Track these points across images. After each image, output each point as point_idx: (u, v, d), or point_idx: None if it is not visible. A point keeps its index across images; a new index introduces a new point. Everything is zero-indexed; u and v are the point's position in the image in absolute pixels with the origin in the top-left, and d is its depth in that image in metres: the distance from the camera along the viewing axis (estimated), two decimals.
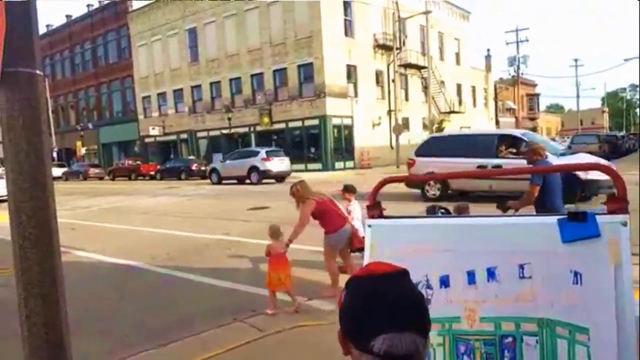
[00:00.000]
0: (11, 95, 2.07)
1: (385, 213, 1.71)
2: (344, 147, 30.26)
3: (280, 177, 23.07)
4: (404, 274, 0.94)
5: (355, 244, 5.44)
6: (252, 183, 22.56)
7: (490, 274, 1.37)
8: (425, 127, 35.13)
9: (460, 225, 1.55)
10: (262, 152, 23.20)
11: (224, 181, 23.88)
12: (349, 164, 29.82)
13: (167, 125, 37.01)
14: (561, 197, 4.86)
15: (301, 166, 29.73)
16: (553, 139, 47.12)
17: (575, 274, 1.27)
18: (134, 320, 5.02)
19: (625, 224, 1.26)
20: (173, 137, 37.43)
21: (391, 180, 1.74)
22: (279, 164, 23.06)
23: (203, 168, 28.39)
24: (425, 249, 1.50)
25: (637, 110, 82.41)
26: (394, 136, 29.76)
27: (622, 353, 1.18)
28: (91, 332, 4.52)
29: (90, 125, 42.42)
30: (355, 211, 6.12)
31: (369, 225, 1.70)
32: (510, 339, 1.32)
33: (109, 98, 42.72)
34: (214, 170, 25.42)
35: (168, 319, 4.90)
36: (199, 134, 35.93)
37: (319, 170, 28.25)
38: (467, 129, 40.69)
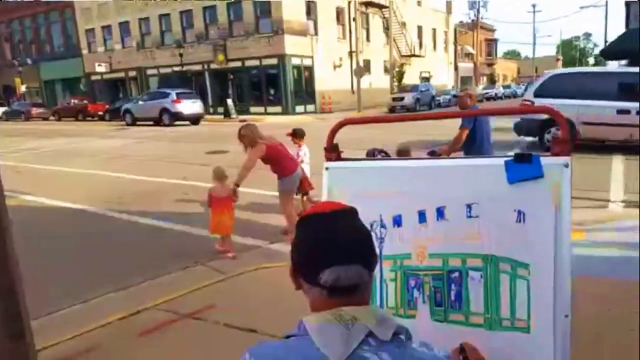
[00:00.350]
0: None
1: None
2: (305, 90, 29.72)
3: (194, 120, 23.79)
4: (351, 211, 0.98)
5: (305, 187, 5.52)
6: (164, 125, 23.17)
7: (440, 213, 1.43)
8: (386, 70, 34.95)
9: (413, 167, 1.58)
10: (173, 93, 23.89)
11: (138, 122, 24.26)
12: (310, 107, 29.45)
13: (114, 61, 34.66)
14: (490, 141, 5.09)
15: (260, 109, 29.12)
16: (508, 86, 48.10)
17: (519, 213, 1.33)
18: (91, 265, 4.96)
19: (567, 166, 1.32)
20: (121, 75, 35.25)
21: (349, 122, 1.73)
22: (191, 106, 23.78)
23: None
24: (380, 190, 1.53)
25: (590, 59, 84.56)
26: (355, 80, 29.45)
27: (557, 287, 1.28)
28: (46, 277, 4.44)
29: (29, 61, 38.89)
30: (306, 156, 6.16)
31: (327, 168, 1.70)
32: (456, 274, 1.40)
33: (48, 30, 39.10)
34: (127, 111, 25.28)
35: (126, 264, 4.87)
36: (149, 72, 33.97)
37: (278, 114, 27.73)
38: (426, 73, 40.92)
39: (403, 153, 4.84)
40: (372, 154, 5.12)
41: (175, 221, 6.18)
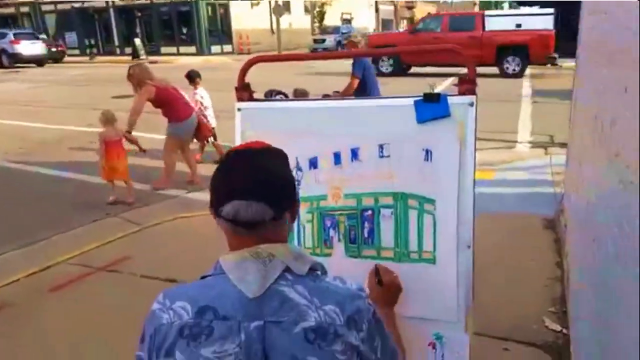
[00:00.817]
0: None
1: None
2: (221, 29, 28.24)
3: (37, 61, 23.25)
4: (270, 151, 0.97)
5: (204, 133, 5.41)
6: (4, 67, 22.51)
7: (354, 154, 1.44)
8: (307, 10, 34.01)
9: (328, 108, 1.57)
10: (10, 34, 23.34)
11: None
12: (227, 48, 28.14)
13: None
14: (378, 87, 5.27)
15: (172, 49, 27.32)
16: None
17: (427, 151, 1.38)
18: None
19: (472, 105, 1.37)
20: (11, 10, 31.47)
21: (260, 59, 1.66)
22: (30, 47, 23.15)
23: (54, 50, 24.92)
24: (295, 132, 1.51)
25: (505, 5, 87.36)
26: (274, 19, 28.41)
27: (460, 220, 1.36)
28: None
29: None
30: (205, 99, 5.92)
31: (239, 109, 1.64)
32: (369, 212, 1.44)
33: None
34: None
35: (33, 217, 4.54)
36: (45, 7, 30.53)
37: (192, 54, 26.24)
38: (348, 15, 40.43)
39: (299, 96, 4.86)
40: (269, 95, 5.33)
41: (83, 172, 5.78)
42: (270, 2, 29.38)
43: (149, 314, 0.92)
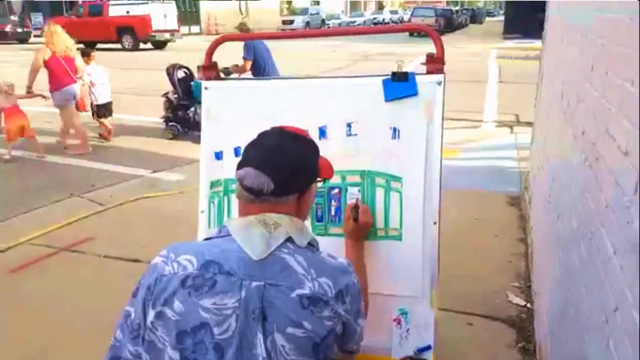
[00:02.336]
0: None
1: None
2: (188, 10, 27.52)
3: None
4: (297, 137, 1.06)
5: (79, 107, 5.71)
6: None
7: (322, 132, 1.44)
8: None
9: (295, 86, 1.56)
10: None
11: None
12: (195, 29, 27.46)
13: None
14: (275, 66, 5.72)
15: None
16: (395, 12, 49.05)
17: (394, 130, 1.39)
18: None
19: (440, 84, 1.38)
20: None
21: (227, 38, 1.62)
22: None
23: (20, 30, 23.55)
24: (262, 110, 1.49)
25: None
26: (243, 1, 27.86)
27: (427, 197, 1.38)
28: None
29: None
30: (99, 76, 6.04)
31: (206, 88, 1.61)
32: (336, 190, 1.44)
33: None
34: None
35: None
36: None
37: None
38: None
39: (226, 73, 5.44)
40: (172, 69, 6.12)
41: (52, 153, 5.61)
42: None
43: (150, 266, 0.97)
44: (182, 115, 6.22)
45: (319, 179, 1.10)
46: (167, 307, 0.90)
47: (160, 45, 19.53)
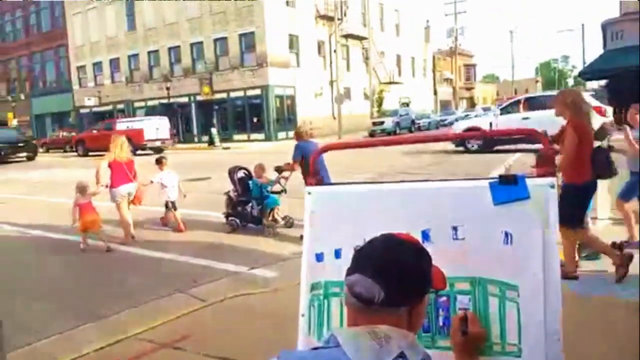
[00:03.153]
0: None
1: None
2: (287, 117, 30.01)
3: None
4: (407, 243, 1.04)
5: (133, 202, 6.81)
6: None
7: (425, 236, 1.40)
8: (366, 97, 35.51)
9: (397, 190, 1.56)
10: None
11: None
12: (292, 134, 29.52)
13: (104, 95, 35.35)
14: (325, 167, 5.61)
15: (244, 136, 29.29)
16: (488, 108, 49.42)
17: (506, 234, 1.32)
18: (72, 293, 4.81)
19: (553, 187, 1.32)
20: (109, 108, 35.65)
21: (329, 147, 1.72)
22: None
23: None
24: (362, 214, 1.50)
25: (570, 80, 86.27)
26: (336, 106, 29.87)
27: (548, 308, 1.25)
28: (26, 304, 4.28)
29: (22, 96, 40.34)
30: (166, 179, 7.23)
31: (309, 193, 1.68)
32: (444, 298, 1.36)
33: (42, 68, 40.79)
34: None
35: (106, 292, 4.74)
36: (137, 104, 34.44)
37: (261, 140, 27.92)
38: (406, 99, 41.67)
39: (258, 170, 6.84)
40: (233, 171, 6.93)
41: (153, 248, 6.10)
42: (332, 92, 31.15)
43: None
44: (241, 210, 6.85)
45: (431, 289, 1.04)
46: None
47: (158, 150, 22.61)
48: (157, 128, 24.31)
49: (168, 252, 5.98)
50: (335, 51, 31.49)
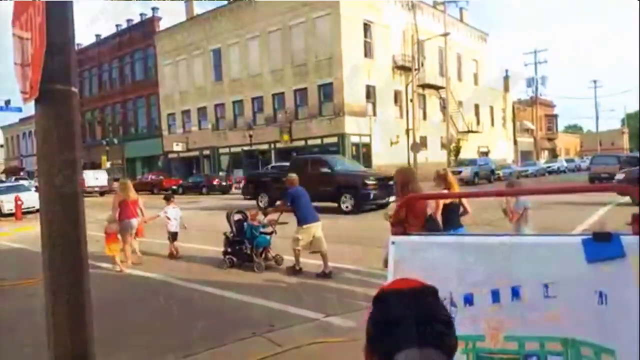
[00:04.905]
0: (47, 110, 2.16)
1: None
2: (363, 165, 30.30)
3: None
4: (430, 291, 0.96)
5: (137, 234, 8.53)
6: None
7: (515, 293, 1.37)
8: (443, 146, 35.03)
9: (484, 243, 1.55)
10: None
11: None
12: None
13: (191, 141, 37.96)
14: (311, 206, 7.29)
15: None
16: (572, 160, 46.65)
17: (600, 294, 1.26)
18: (155, 333, 5.06)
19: None
20: (196, 153, 38.31)
21: (415, 197, 1.76)
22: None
23: (224, 183, 29.70)
24: (448, 266, 1.51)
25: None
26: (411, 154, 29.74)
27: None
28: (114, 345, 4.56)
29: (115, 141, 44.28)
30: (171, 213, 8.80)
31: (393, 242, 1.71)
32: (534, 359, 1.31)
33: (135, 114, 44.59)
34: None
35: (188, 333, 4.93)
36: (221, 150, 36.78)
37: None
38: (485, 148, 40.52)
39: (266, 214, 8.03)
40: (230, 214, 7.88)
41: (236, 290, 6.30)
42: (408, 141, 31.12)
43: None
44: (238, 249, 7.67)
45: None
46: None
47: (102, 194, 30.08)
48: (96, 178, 32.27)
49: (249, 294, 6.14)
50: (411, 100, 31.71)
